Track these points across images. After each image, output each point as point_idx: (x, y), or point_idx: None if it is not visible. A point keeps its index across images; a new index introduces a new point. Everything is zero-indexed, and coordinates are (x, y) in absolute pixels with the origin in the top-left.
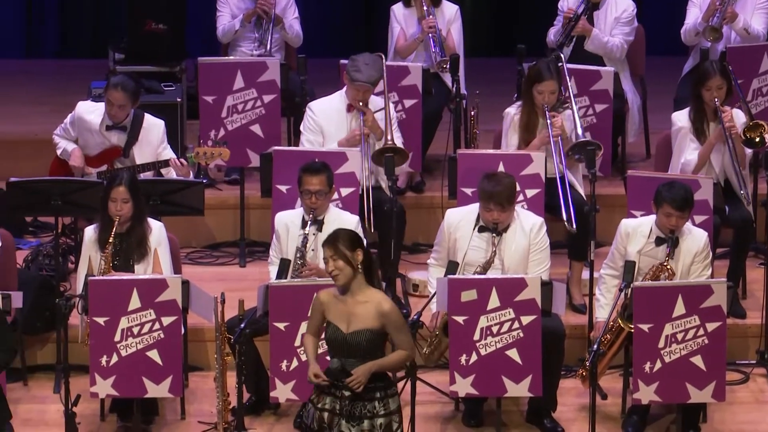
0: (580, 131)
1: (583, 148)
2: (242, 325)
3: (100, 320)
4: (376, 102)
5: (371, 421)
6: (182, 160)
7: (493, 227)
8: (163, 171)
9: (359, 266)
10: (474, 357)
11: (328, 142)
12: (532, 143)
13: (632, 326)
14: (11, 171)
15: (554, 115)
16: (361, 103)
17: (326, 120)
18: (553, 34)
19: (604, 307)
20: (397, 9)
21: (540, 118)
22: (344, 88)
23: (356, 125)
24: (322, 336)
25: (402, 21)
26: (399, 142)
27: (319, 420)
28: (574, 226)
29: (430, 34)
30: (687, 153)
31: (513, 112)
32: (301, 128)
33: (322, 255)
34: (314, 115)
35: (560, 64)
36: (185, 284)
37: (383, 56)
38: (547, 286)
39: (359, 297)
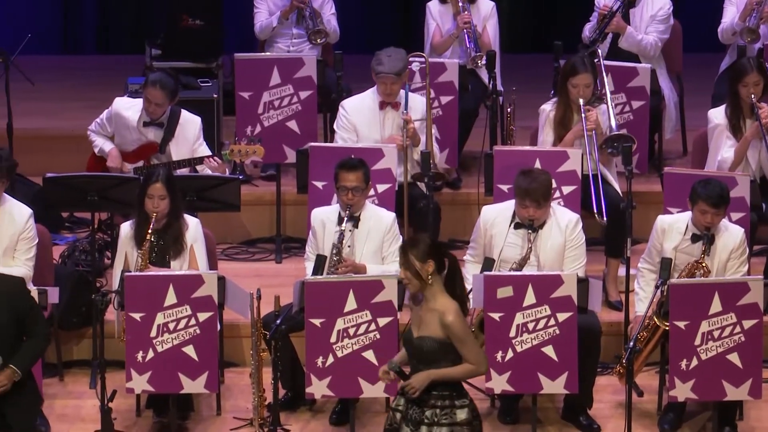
0: (614, 125)
1: (616, 142)
2: (278, 321)
3: (136, 316)
4: (417, 103)
5: (429, 428)
6: (216, 158)
7: (529, 224)
8: (198, 168)
9: (429, 278)
10: (510, 354)
11: (362, 140)
12: (566, 137)
13: (668, 324)
14: (48, 166)
15: (589, 109)
16: (404, 112)
17: (359, 118)
18: (588, 30)
19: (643, 301)
20: (433, 6)
21: (575, 113)
22: (376, 86)
23: (390, 123)
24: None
25: (438, 17)
26: (440, 161)
27: (391, 419)
28: (605, 218)
29: (465, 30)
30: (723, 150)
31: (549, 108)
32: (335, 127)
33: (360, 251)
34: (347, 113)
35: (597, 60)
36: (221, 280)
37: (425, 56)
38: (583, 283)
39: (431, 304)
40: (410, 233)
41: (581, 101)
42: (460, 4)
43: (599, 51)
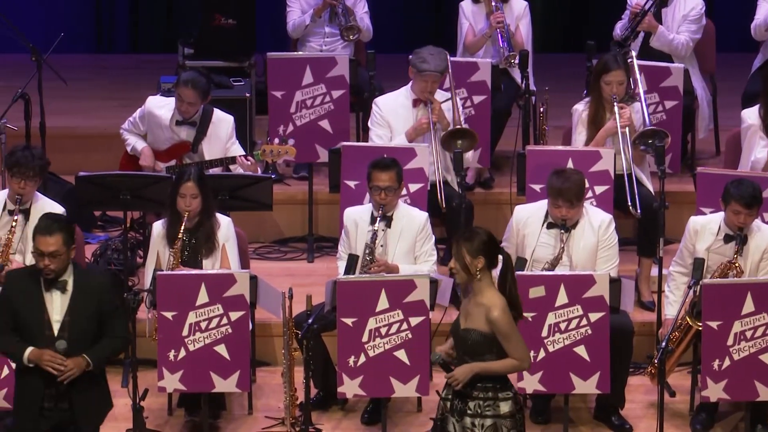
0: (647, 119)
1: (650, 138)
2: (310, 321)
3: (168, 315)
4: (441, 95)
5: (473, 419)
6: (249, 157)
7: (562, 224)
8: (231, 167)
9: (478, 273)
10: (542, 354)
11: (396, 137)
12: (598, 134)
13: (700, 324)
14: (81, 165)
15: (622, 106)
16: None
17: (392, 115)
18: (619, 28)
19: (672, 304)
20: (466, 5)
21: (608, 112)
22: (410, 84)
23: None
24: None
25: (470, 17)
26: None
27: (442, 408)
28: (639, 211)
29: (498, 30)
30: (757, 150)
31: (581, 108)
32: (369, 124)
33: (392, 251)
34: (380, 110)
35: (629, 59)
36: (253, 279)
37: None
38: (615, 283)
39: (479, 298)
40: (442, 230)
41: (614, 98)
42: (493, 3)
43: (633, 52)
